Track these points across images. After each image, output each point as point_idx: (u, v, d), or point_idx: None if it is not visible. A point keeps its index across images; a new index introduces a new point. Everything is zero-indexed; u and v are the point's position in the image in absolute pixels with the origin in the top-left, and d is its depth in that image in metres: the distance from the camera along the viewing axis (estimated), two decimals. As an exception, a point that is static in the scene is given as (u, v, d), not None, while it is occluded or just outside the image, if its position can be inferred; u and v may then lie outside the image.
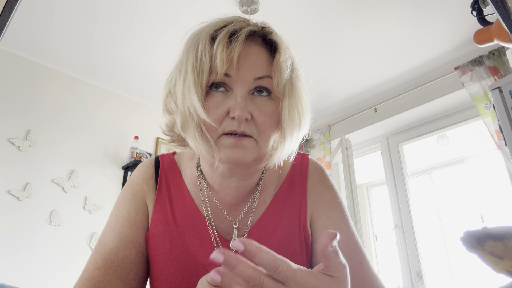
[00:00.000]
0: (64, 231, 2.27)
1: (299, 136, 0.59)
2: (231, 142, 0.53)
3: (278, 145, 0.57)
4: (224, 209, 0.64)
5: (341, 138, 2.89)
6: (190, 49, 0.55)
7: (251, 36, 0.56)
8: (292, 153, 0.60)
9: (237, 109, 0.51)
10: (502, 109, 1.60)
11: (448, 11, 2.07)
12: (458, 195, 3.59)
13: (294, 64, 0.58)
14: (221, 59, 0.51)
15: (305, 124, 0.59)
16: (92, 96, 2.69)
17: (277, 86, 0.55)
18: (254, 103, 0.54)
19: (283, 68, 0.55)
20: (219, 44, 0.52)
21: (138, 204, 0.64)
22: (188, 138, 0.56)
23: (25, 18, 2.11)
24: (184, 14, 2.07)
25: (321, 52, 2.43)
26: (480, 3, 1.63)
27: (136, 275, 0.60)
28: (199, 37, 0.55)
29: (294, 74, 0.57)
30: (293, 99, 0.56)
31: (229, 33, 0.53)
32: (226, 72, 0.53)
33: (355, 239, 0.61)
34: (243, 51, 0.54)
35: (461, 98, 2.54)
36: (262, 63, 0.55)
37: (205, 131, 0.53)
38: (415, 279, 2.54)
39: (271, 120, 0.55)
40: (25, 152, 2.25)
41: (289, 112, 0.55)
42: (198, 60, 0.53)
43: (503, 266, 0.28)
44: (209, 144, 0.54)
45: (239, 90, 0.53)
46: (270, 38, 0.57)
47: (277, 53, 0.56)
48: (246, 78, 0.53)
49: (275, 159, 0.57)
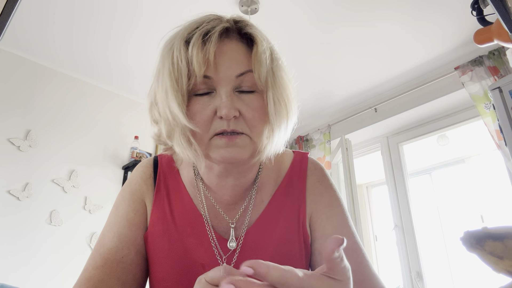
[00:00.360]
0: (64, 231, 2.27)
1: (288, 126, 0.58)
2: (224, 142, 0.52)
3: (268, 137, 0.56)
4: (221, 208, 0.63)
5: (341, 138, 2.89)
6: (165, 56, 0.54)
7: (225, 33, 0.55)
8: (283, 144, 0.60)
9: (223, 108, 0.51)
10: (502, 109, 1.60)
11: (448, 11, 2.07)
12: (458, 195, 3.59)
13: (274, 54, 0.57)
14: (197, 61, 0.50)
15: (292, 113, 0.58)
16: (92, 96, 2.69)
17: (259, 79, 0.54)
18: (241, 99, 0.54)
19: (262, 60, 0.54)
20: (194, 46, 0.51)
21: (137, 204, 0.64)
22: (175, 146, 0.55)
23: (25, 18, 2.11)
24: (184, 14, 2.07)
25: (321, 52, 2.43)
26: (480, 3, 1.63)
27: (136, 275, 0.60)
28: (173, 42, 0.54)
29: (275, 63, 0.56)
30: (277, 90, 0.55)
31: (202, 34, 0.52)
32: (205, 74, 0.52)
33: (355, 239, 0.61)
34: (219, 49, 0.53)
35: (461, 98, 2.54)
36: (240, 59, 0.54)
37: (190, 137, 0.53)
38: (415, 279, 2.54)
39: (260, 114, 0.54)
40: (25, 152, 2.25)
41: (274, 103, 0.54)
42: (174, 65, 0.52)
43: (503, 266, 0.28)
44: (195, 150, 0.53)
45: (222, 89, 0.52)
46: (246, 31, 0.56)
47: (255, 45, 0.55)
48: (227, 76, 0.53)
49: (266, 151, 0.57)
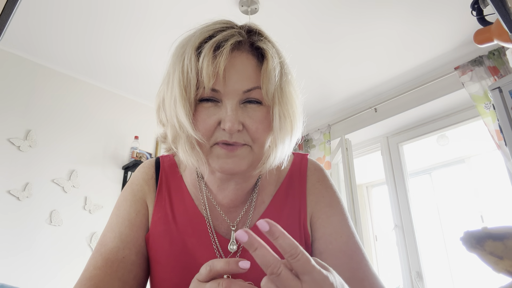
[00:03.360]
0: (64, 231, 2.27)
1: (292, 141, 0.59)
2: (224, 153, 0.53)
3: (271, 151, 0.57)
4: (222, 211, 0.64)
5: (341, 138, 2.89)
6: (176, 62, 0.55)
7: (237, 46, 0.55)
8: (285, 158, 0.60)
9: (228, 121, 0.51)
10: (502, 109, 1.60)
11: (448, 11, 2.07)
12: (458, 195, 3.58)
13: (284, 69, 0.57)
14: (207, 74, 0.51)
15: (297, 129, 0.59)
16: (92, 96, 2.69)
17: (266, 95, 0.54)
18: (245, 112, 0.54)
19: (271, 77, 0.54)
20: (205, 58, 0.51)
21: (138, 205, 0.64)
22: (179, 151, 0.56)
23: (25, 18, 2.11)
24: (183, 14, 2.07)
25: (321, 52, 2.43)
26: (480, 3, 1.63)
27: (136, 275, 0.60)
28: (185, 49, 0.54)
29: (284, 79, 0.56)
30: (284, 106, 0.55)
31: (214, 46, 0.52)
32: (213, 88, 0.52)
33: (354, 239, 0.61)
34: (229, 63, 0.53)
35: (461, 98, 2.54)
36: (249, 74, 0.54)
37: (196, 145, 0.53)
38: (415, 279, 2.54)
39: (263, 126, 0.54)
40: (25, 152, 2.25)
41: (279, 119, 0.55)
42: (184, 74, 0.52)
43: (503, 266, 0.28)
44: (200, 158, 0.54)
45: (228, 102, 0.53)
46: (258, 45, 0.56)
47: (265, 61, 0.54)
48: (234, 90, 0.53)
49: (268, 165, 0.57)
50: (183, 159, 0.56)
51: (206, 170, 0.55)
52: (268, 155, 0.57)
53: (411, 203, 2.75)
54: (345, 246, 0.59)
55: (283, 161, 0.60)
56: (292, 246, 0.32)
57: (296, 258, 0.32)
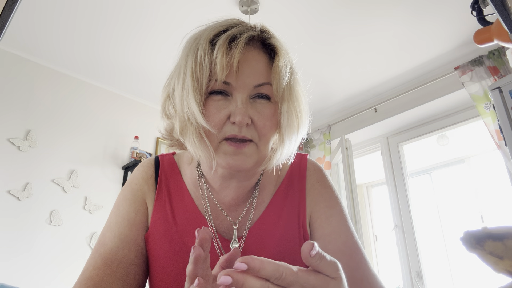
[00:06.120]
0: (64, 231, 2.27)
1: (298, 139, 0.60)
2: (232, 149, 0.53)
3: (277, 148, 0.58)
4: (223, 209, 0.64)
5: (341, 138, 2.89)
6: (189, 54, 0.55)
7: (250, 41, 0.56)
8: (291, 155, 0.61)
9: (238, 114, 0.52)
10: (502, 109, 1.60)
11: (448, 11, 2.07)
12: (458, 195, 3.59)
13: (292, 68, 0.58)
14: (221, 65, 0.51)
15: (303, 127, 0.60)
16: (92, 96, 2.69)
17: (276, 91, 0.55)
18: (254, 107, 0.55)
19: (282, 73, 0.55)
20: (219, 50, 0.52)
21: (137, 204, 0.64)
22: (187, 143, 0.56)
23: (25, 18, 2.11)
24: (183, 14, 2.07)
25: (321, 52, 2.43)
26: (480, 3, 1.63)
27: (136, 275, 0.60)
28: (198, 41, 0.55)
29: (293, 77, 0.58)
30: (292, 103, 0.56)
31: (228, 39, 0.53)
32: (225, 80, 0.53)
33: (354, 239, 0.61)
34: (243, 57, 0.54)
35: (461, 98, 2.54)
36: (261, 69, 0.55)
37: (204, 137, 0.53)
38: (415, 279, 2.54)
39: (271, 123, 0.55)
40: (25, 152, 2.25)
41: (287, 115, 0.56)
42: (197, 65, 0.53)
43: (503, 266, 0.28)
44: (208, 150, 0.54)
45: (239, 95, 0.53)
46: (270, 42, 0.57)
47: (276, 58, 0.56)
48: (246, 84, 0.54)
49: (274, 162, 0.58)
50: (191, 152, 0.56)
51: (214, 164, 0.55)
52: (274, 151, 0.58)
53: (411, 203, 2.75)
54: (344, 246, 0.59)
55: (289, 158, 0.61)
56: (274, 270, 0.32)
57: (281, 278, 0.32)
